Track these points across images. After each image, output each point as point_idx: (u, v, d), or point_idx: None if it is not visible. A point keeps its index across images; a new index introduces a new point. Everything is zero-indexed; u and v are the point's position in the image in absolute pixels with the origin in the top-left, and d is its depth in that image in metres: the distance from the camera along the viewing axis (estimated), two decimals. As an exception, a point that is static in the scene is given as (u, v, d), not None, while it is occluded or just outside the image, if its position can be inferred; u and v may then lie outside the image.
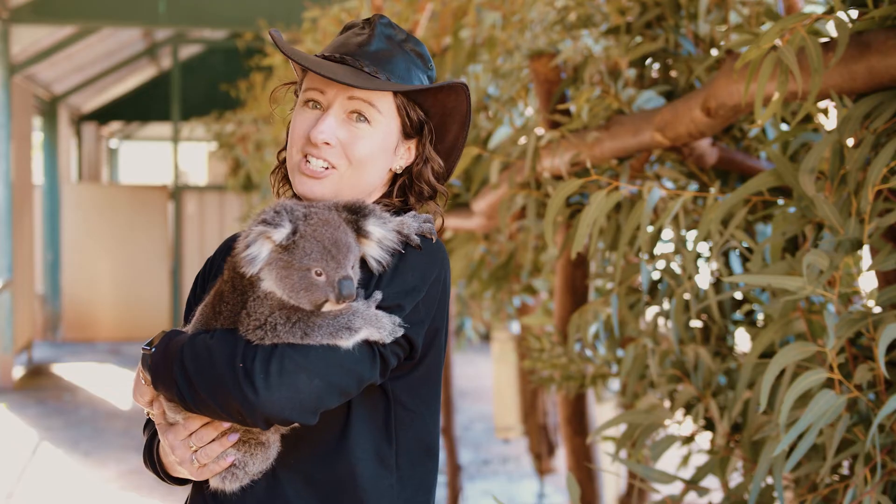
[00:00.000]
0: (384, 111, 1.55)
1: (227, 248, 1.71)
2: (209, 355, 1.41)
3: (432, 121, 1.61)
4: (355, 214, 1.46)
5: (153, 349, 1.48)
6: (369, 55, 1.55)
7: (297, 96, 1.63)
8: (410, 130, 1.59)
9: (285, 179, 1.67)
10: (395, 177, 1.63)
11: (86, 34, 10.64)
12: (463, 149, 1.66)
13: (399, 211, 1.59)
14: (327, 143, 1.53)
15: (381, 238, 1.46)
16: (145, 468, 1.65)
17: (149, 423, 1.65)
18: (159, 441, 1.58)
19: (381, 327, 1.44)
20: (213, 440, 1.48)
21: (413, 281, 1.49)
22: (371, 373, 1.45)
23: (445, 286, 1.55)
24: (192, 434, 1.48)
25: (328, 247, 1.40)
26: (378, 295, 1.45)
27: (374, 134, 1.55)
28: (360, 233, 1.45)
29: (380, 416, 1.52)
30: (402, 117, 1.57)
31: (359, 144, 1.54)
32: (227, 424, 1.47)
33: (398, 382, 1.52)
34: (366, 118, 1.54)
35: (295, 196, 1.67)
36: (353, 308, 1.43)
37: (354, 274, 1.43)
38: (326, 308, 1.42)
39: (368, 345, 1.44)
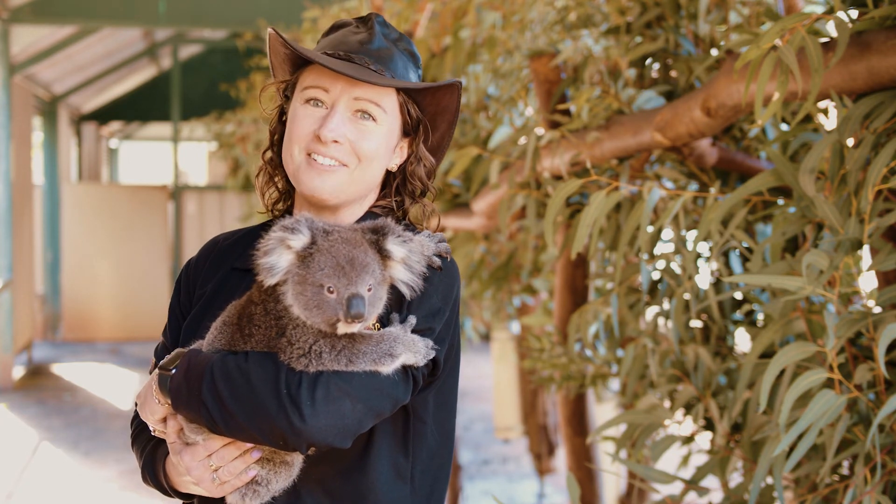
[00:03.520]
0: (388, 110, 1.55)
1: (210, 252, 1.69)
2: (246, 380, 1.38)
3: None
4: (376, 234, 1.42)
5: (172, 369, 1.44)
6: (372, 53, 1.55)
7: (287, 95, 1.61)
8: (409, 129, 1.60)
9: (271, 181, 1.66)
10: (387, 176, 1.63)
11: (86, 34, 10.63)
12: (448, 147, 1.67)
13: (404, 222, 1.58)
14: (336, 141, 1.52)
15: (403, 258, 1.43)
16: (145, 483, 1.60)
17: (139, 437, 1.61)
18: (161, 456, 1.55)
19: (417, 351, 1.44)
20: (236, 458, 1.45)
21: (438, 303, 1.50)
22: (405, 395, 1.47)
23: (458, 303, 1.56)
24: (212, 454, 1.45)
25: (342, 263, 1.36)
26: (413, 319, 1.45)
27: (380, 131, 1.55)
28: (383, 254, 1.41)
29: (399, 430, 1.53)
30: (404, 115, 1.58)
31: (367, 141, 1.54)
32: (250, 444, 1.45)
33: (418, 398, 1.53)
34: (371, 116, 1.54)
35: (283, 199, 1.66)
36: (393, 334, 1.42)
37: (377, 297, 1.39)
38: (340, 330, 1.38)
39: (403, 368, 1.44)
